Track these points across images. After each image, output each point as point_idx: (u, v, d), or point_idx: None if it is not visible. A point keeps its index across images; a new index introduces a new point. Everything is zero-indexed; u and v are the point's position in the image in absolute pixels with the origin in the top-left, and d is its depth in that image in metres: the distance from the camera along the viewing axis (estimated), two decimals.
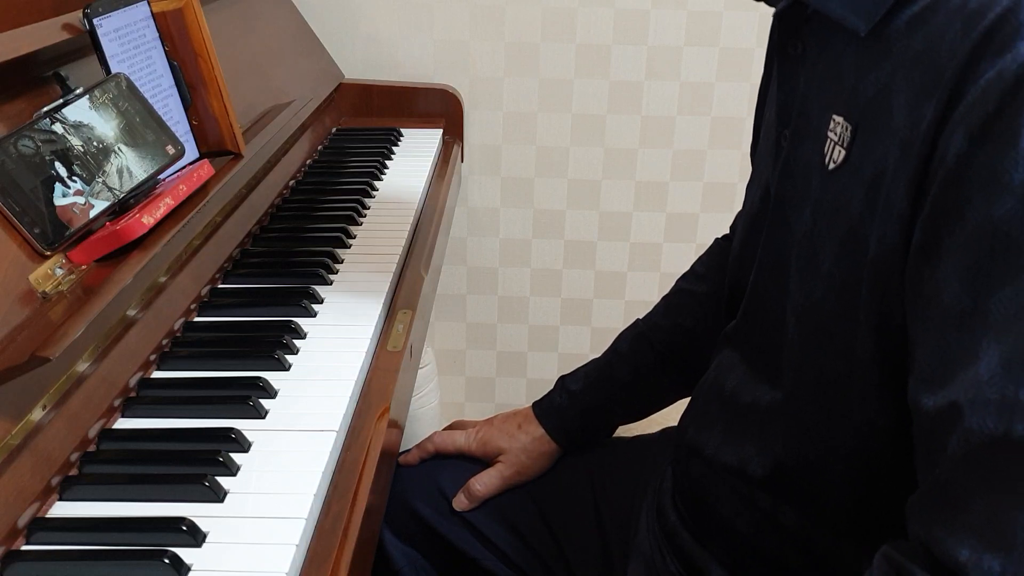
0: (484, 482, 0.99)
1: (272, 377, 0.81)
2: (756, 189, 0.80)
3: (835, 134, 0.65)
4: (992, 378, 0.52)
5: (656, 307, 1.04)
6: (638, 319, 1.04)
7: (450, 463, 1.03)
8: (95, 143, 0.83)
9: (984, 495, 0.52)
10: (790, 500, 0.73)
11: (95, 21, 0.89)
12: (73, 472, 0.69)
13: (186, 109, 1.02)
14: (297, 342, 0.87)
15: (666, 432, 1.02)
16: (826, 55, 0.68)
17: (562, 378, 1.04)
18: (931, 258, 0.56)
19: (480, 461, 1.02)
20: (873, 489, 0.69)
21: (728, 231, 1.04)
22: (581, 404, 1.01)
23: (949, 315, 0.55)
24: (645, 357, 1.00)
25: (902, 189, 0.58)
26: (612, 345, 1.04)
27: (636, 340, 1.02)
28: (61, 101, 0.82)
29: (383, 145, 1.45)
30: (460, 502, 0.99)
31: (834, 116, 0.66)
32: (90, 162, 0.82)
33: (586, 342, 1.86)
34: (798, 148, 0.70)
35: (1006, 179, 0.52)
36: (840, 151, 0.65)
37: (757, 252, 0.76)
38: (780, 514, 0.74)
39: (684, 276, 1.05)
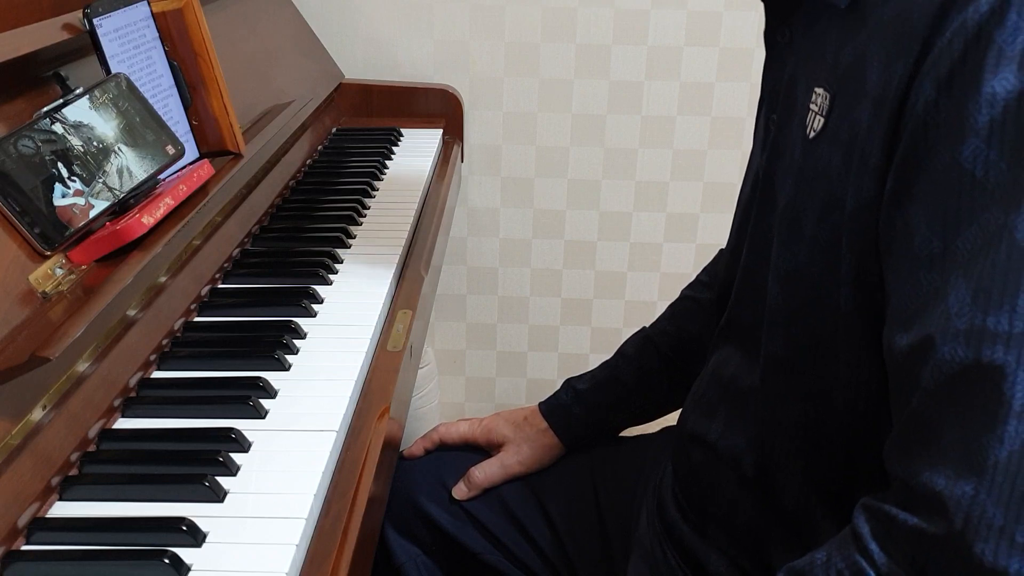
0: (485, 470, 0.99)
1: (272, 377, 0.81)
2: (748, 179, 0.82)
3: (816, 105, 0.68)
4: (961, 309, 0.54)
5: (662, 314, 1.06)
6: (644, 326, 1.06)
7: (453, 457, 1.04)
8: (95, 143, 0.83)
9: (956, 422, 0.54)
10: (788, 473, 0.74)
11: (95, 21, 0.89)
12: (73, 472, 0.69)
13: (186, 109, 1.02)
14: (297, 342, 0.87)
15: (667, 431, 1.03)
16: (811, 37, 0.70)
17: (569, 379, 1.06)
18: (902, 204, 0.58)
19: (483, 456, 1.03)
20: (865, 458, 0.69)
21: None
22: (586, 403, 1.02)
23: (920, 258, 0.57)
24: (650, 360, 1.02)
25: (877, 143, 0.60)
26: (619, 349, 1.06)
27: (642, 343, 1.04)
28: (61, 101, 0.82)
29: (383, 145, 1.45)
30: (460, 490, 0.99)
31: (815, 89, 0.68)
32: (90, 162, 0.82)
33: (586, 342, 1.86)
34: (785, 128, 0.73)
35: (971, 122, 0.54)
36: (820, 119, 0.67)
37: (746, 236, 0.78)
38: (779, 492, 0.74)
39: (690, 285, 1.07)
